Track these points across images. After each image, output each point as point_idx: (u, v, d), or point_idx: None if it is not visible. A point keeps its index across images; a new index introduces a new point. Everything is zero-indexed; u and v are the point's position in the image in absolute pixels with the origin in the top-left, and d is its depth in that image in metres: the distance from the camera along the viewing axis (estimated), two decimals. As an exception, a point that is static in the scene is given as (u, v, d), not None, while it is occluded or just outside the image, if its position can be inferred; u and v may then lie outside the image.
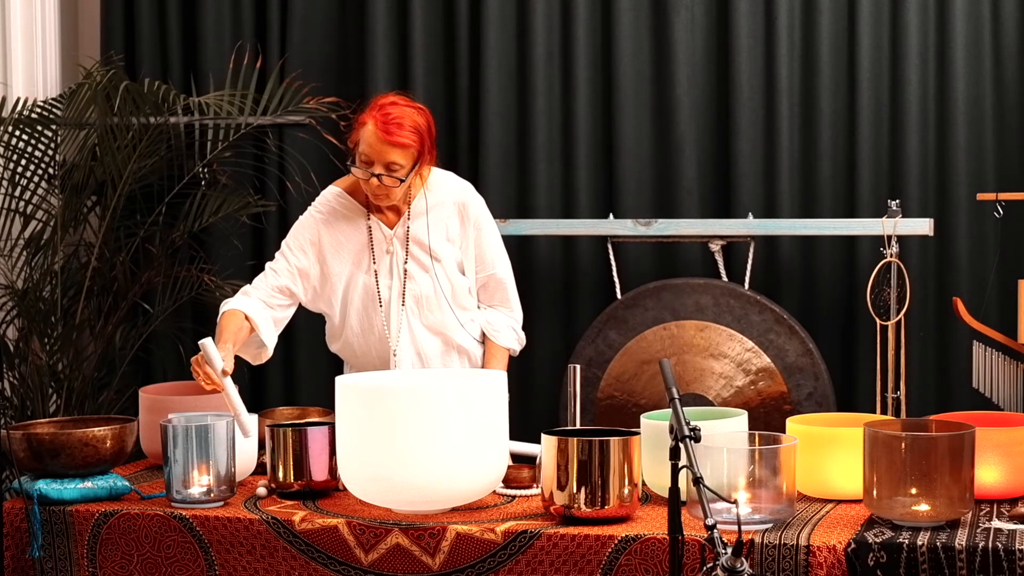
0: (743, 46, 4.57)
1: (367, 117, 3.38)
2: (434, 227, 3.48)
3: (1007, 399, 4.16)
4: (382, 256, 3.50)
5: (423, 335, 3.52)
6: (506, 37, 4.74)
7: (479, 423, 2.87)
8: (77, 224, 4.77)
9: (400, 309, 3.49)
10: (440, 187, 3.52)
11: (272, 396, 4.92)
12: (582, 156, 4.71)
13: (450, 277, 3.50)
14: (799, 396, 4.27)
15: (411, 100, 3.44)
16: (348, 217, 3.51)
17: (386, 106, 3.37)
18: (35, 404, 4.67)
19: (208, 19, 4.97)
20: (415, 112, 3.38)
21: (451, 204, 3.51)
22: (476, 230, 3.53)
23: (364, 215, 3.50)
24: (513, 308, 3.62)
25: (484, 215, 3.56)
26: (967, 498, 2.69)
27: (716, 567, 2.27)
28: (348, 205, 3.52)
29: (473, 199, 3.55)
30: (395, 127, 3.32)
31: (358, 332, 3.54)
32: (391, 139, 3.32)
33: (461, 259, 3.53)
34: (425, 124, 3.39)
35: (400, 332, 3.50)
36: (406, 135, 3.33)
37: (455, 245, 3.51)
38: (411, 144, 3.34)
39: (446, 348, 3.55)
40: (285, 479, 3.08)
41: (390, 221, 3.50)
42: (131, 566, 2.97)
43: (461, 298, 3.53)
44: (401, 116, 3.34)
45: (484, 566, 2.77)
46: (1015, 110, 4.45)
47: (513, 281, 3.63)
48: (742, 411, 3.06)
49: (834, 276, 4.56)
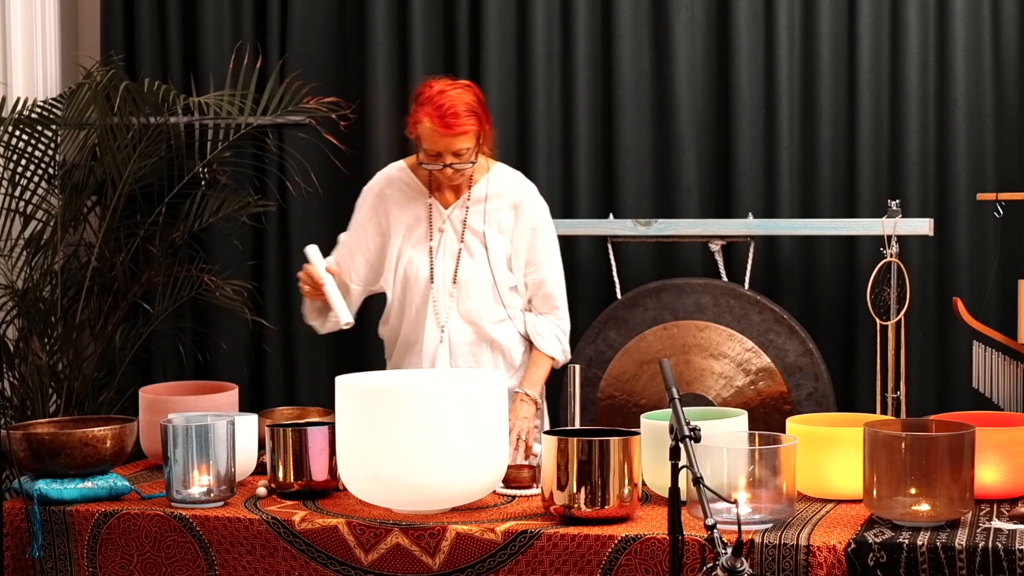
0: (743, 46, 4.57)
1: (421, 113, 3.41)
2: (488, 216, 3.52)
3: (1007, 399, 4.16)
4: (435, 235, 3.53)
5: (455, 322, 3.53)
6: (506, 37, 4.74)
7: (479, 423, 2.87)
8: (77, 224, 4.77)
9: (451, 288, 3.50)
10: (502, 180, 3.56)
11: (272, 396, 4.92)
12: (582, 156, 4.71)
13: (494, 267, 3.50)
14: (799, 396, 4.27)
15: (454, 80, 3.49)
16: (408, 194, 3.57)
17: (435, 97, 3.40)
18: (35, 404, 4.67)
19: (208, 19, 4.97)
20: (464, 92, 3.43)
21: (508, 199, 3.54)
22: (531, 232, 3.55)
23: (425, 194, 3.55)
24: (560, 317, 3.62)
25: (542, 219, 3.58)
26: (967, 498, 2.69)
27: (716, 567, 2.28)
28: (410, 182, 3.58)
29: (531, 200, 3.58)
30: (452, 117, 3.37)
31: (397, 311, 3.57)
32: (452, 131, 3.37)
33: (511, 254, 3.53)
34: (476, 100, 3.44)
35: (449, 314, 3.51)
36: (464, 122, 3.38)
37: (505, 238, 3.53)
38: (471, 128, 3.40)
39: (476, 340, 3.54)
40: (285, 479, 3.08)
41: (446, 201, 3.55)
42: (131, 566, 2.97)
43: (503, 291, 3.53)
44: (454, 103, 3.38)
45: (484, 566, 2.77)
46: (1015, 110, 4.45)
47: (564, 291, 3.63)
48: (742, 411, 3.06)
49: (834, 276, 4.56)
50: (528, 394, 3.53)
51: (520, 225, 3.53)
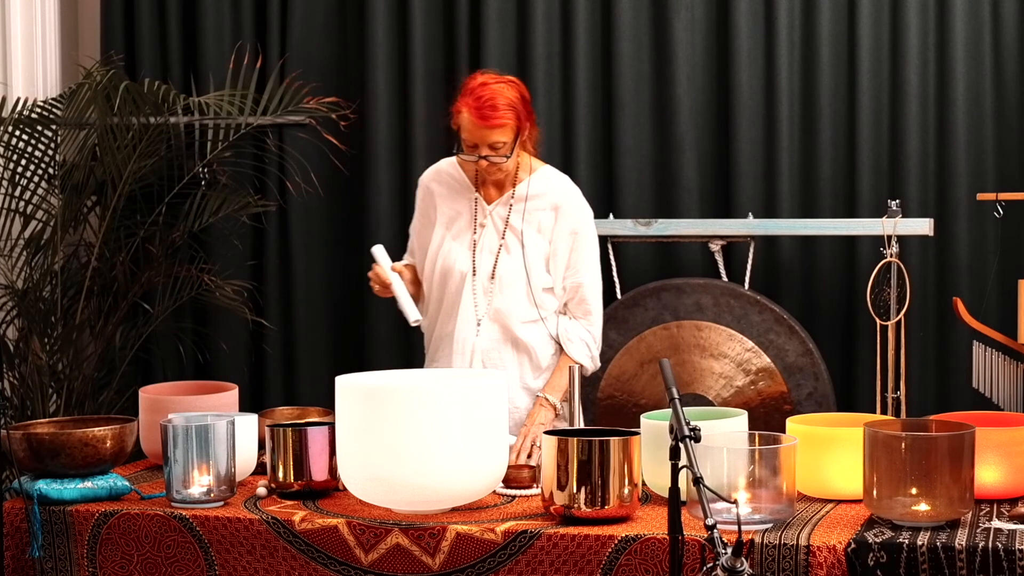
0: (743, 46, 4.57)
1: (462, 104, 3.46)
2: (528, 215, 3.54)
3: (1007, 399, 4.16)
4: (477, 229, 3.56)
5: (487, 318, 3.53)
6: (506, 37, 4.74)
7: (479, 423, 2.87)
8: (77, 224, 4.77)
9: (487, 284, 3.52)
10: (545, 181, 3.58)
11: (272, 396, 4.92)
12: (582, 156, 4.70)
13: (529, 266, 3.50)
14: (799, 396, 4.27)
15: (499, 75, 3.52)
16: (454, 187, 3.61)
17: (476, 89, 3.45)
18: (35, 404, 4.67)
19: (208, 19, 4.97)
20: (506, 87, 3.45)
21: (549, 200, 3.56)
22: (572, 235, 3.56)
23: (471, 188, 3.59)
24: (593, 323, 3.61)
25: (584, 224, 3.59)
26: (967, 498, 2.69)
27: (716, 567, 2.27)
28: (457, 176, 3.61)
29: (572, 204, 3.58)
30: (489, 110, 3.40)
31: (435, 302, 3.60)
32: (488, 123, 3.41)
33: (548, 255, 3.54)
34: (518, 97, 3.46)
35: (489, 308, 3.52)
36: (501, 115, 3.41)
37: (544, 238, 3.54)
38: (508, 122, 3.43)
39: (502, 338, 3.53)
40: (285, 479, 3.08)
41: (490, 197, 3.58)
42: (131, 566, 2.97)
43: (536, 291, 3.53)
44: (493, 96, 3.41)
45: (484, 566, 2.77)
46: (1015, 110, 4.45)
47: (600, 299, 3.62)
48: (742, 411, 3.06)
49: (834, 276, 4.56)
50: (548, 399, 3.52)
51: (560, 227, 3.54)
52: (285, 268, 4.95)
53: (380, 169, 4.82)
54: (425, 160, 4.80)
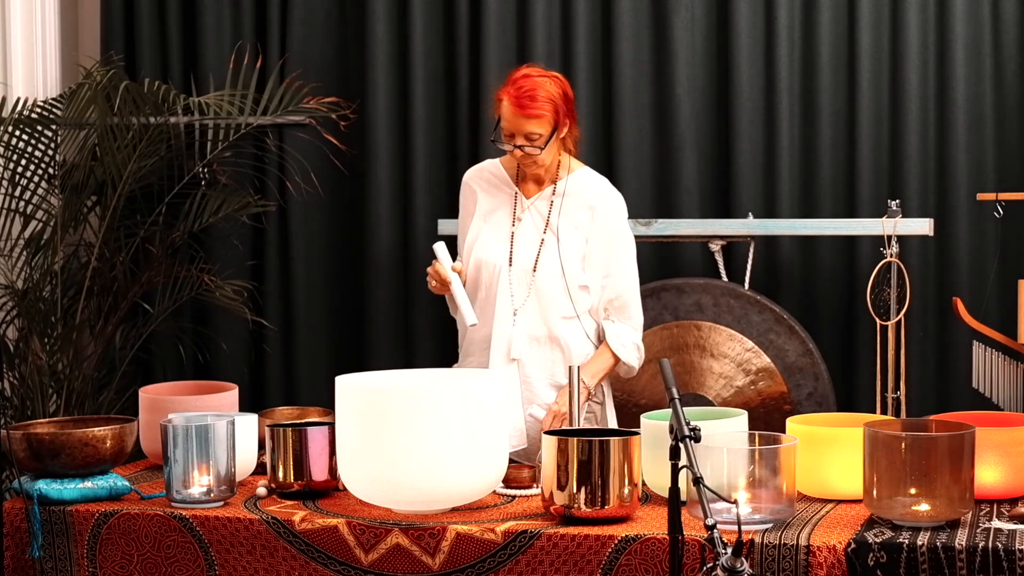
0: (743, 46, 4.57)
1: (503, 93, 3.50)
2: (564, 212, 3.55)
3: (1007, 399, 4.16)
4: (515, 222, 3.58)
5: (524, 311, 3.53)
6: (506, 37, 4.74)
7: (479, 423, 2.87)
8: (77, 224, 4.77)
9: (528, 277, 3.53)
10: (582, 181, 3.60)
11: (272, 396, 4.92)
12: (582, 156, 4.67)
13: (565, 262, 3.51)
14: (799, 396, 4.27)
15: (544, 70, 3.57)
16: (495, 183, 3.64)
17: (518, 80, 3.49)
18: (35, 404, 4.67)
19: (208, 19, 4.97)
20: (548, 81, 3.50)
21: (585, 199, 3.57)
22: (608, 238, 3.57)
23: (511, 185, 3.62)
24: (636, 328, 3.62)
25: (618, 225, 3.59)
26: (967, 498, 2.69)
27: (716, 567, 2.28)
28: (498, 174, 3.65)
29: (609, 205, 3.59)
30: (527, 100, 3.44)
31: (470, 293, 3.60)
32: (525, 112, 3.45)
33: (585, 254, 3.55)
34: (559, 92, 3.50)
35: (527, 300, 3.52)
36: (539, 106, 3.45)
37: (580, 234, 3.55)
38: (545, 114, 3.46)
39: (539, 333, 3.53)
40: (285, 479, 3.08)
41: (528, 192, 3.60)
42: (131, 566, 2.97)
43: (572, 288, 3.53)
44: (534, 88, 3.46)
45: (484, 566, 2.77)
46: (1015, 110, 4.45)
47: (639, 301, 3.63)
48: (742, 411, 3.06)
49: (834, 276, 4.56)
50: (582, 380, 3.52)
51: (596, 227, 3.55)
52: (285, 268, 4.95)
53: (380, 169, 4.82)
54: (425, 160, 4.81)
